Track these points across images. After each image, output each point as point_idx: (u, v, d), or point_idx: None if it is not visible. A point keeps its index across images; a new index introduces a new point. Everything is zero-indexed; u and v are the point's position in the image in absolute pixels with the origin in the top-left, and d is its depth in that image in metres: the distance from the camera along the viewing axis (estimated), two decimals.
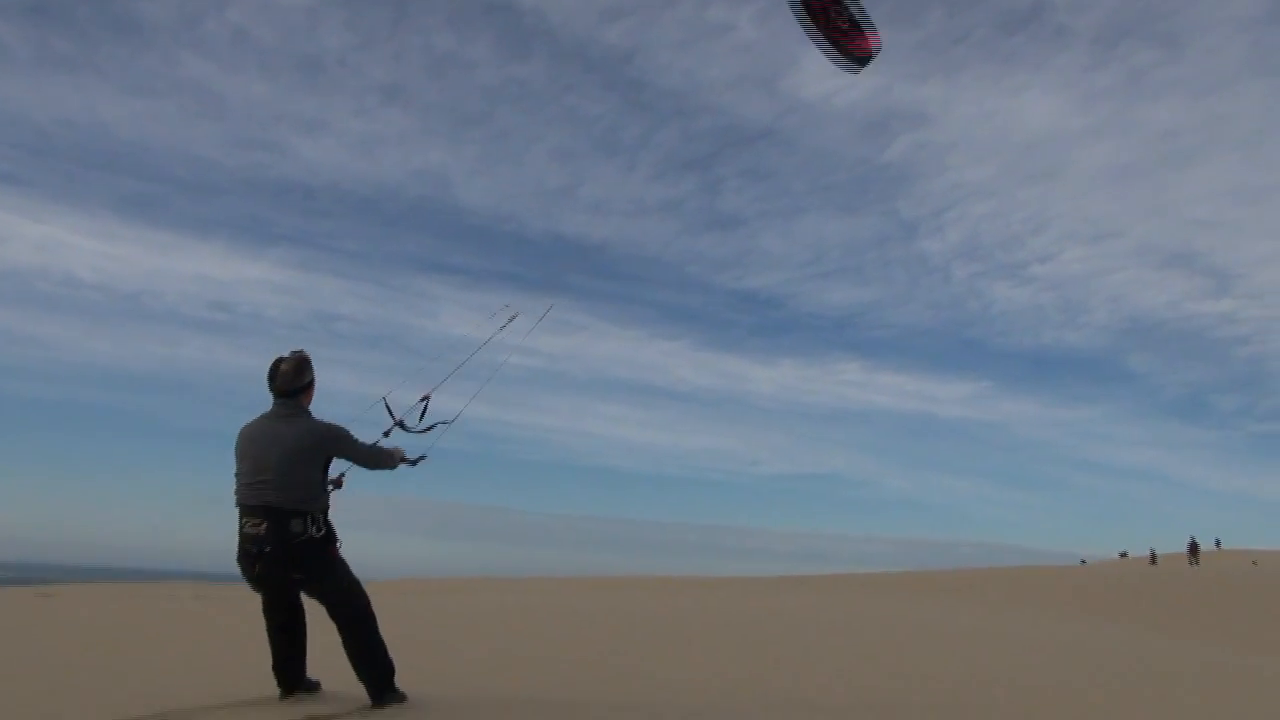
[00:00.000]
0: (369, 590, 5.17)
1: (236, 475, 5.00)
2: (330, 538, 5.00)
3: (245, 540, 4.87)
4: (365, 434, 5.41)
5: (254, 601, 5.27)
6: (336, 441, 5.08)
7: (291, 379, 5.04)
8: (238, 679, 5.69)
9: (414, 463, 5.66)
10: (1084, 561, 55.78)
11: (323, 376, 5.21)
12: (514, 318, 6.71)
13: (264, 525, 4.79)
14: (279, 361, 5.06)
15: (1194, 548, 48.66)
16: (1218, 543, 63.86)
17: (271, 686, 5.11)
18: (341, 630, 5.04)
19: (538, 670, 7.04)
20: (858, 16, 6.82)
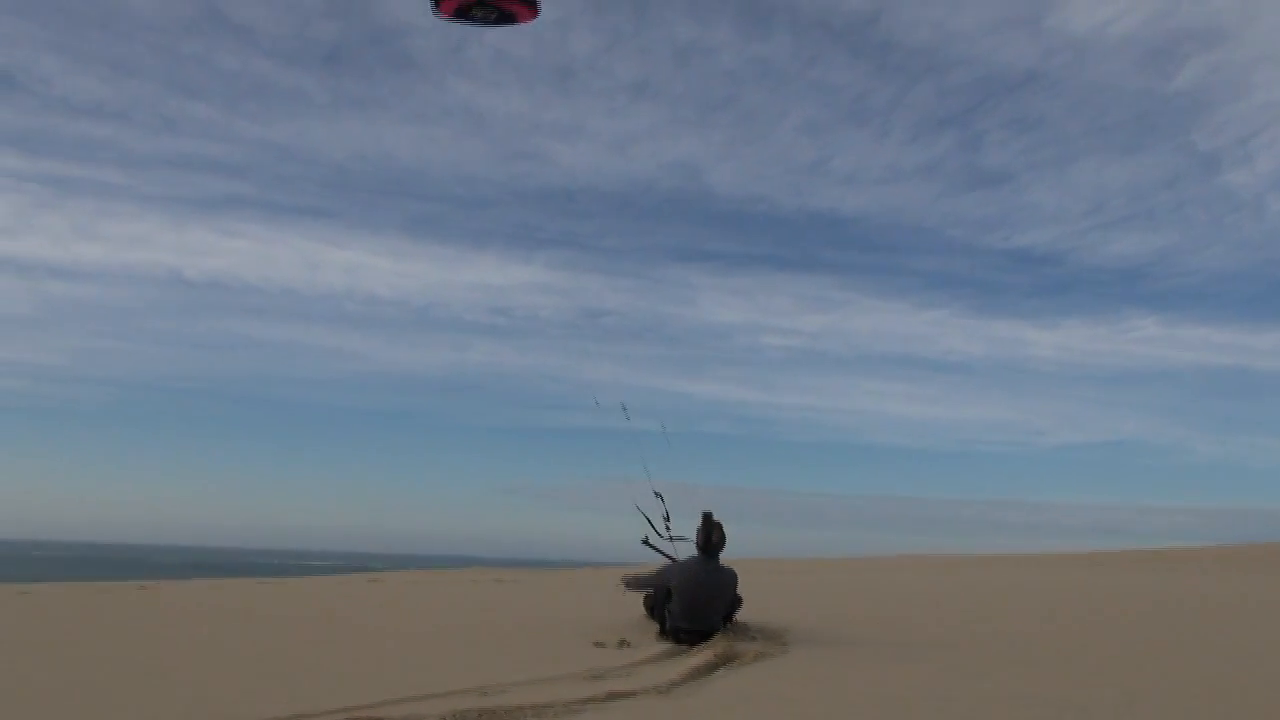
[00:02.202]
0: None
1: (659, 604, 7.30)
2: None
3: (682, 638, 6.94)
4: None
5: (543, 585, 5.61)
6: (735, 583, 7.24)
7: (719, 545, 7.08)
8: (544, 658, 6.08)
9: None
10: None
11: (594, 369, 5.62)
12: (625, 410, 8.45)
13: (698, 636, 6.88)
14: (710, 530, 7.05)
15: None
16: None
17: (569, 666, 5.46)
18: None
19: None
20: None
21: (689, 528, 7.46)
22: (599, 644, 6.92)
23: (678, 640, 6.98)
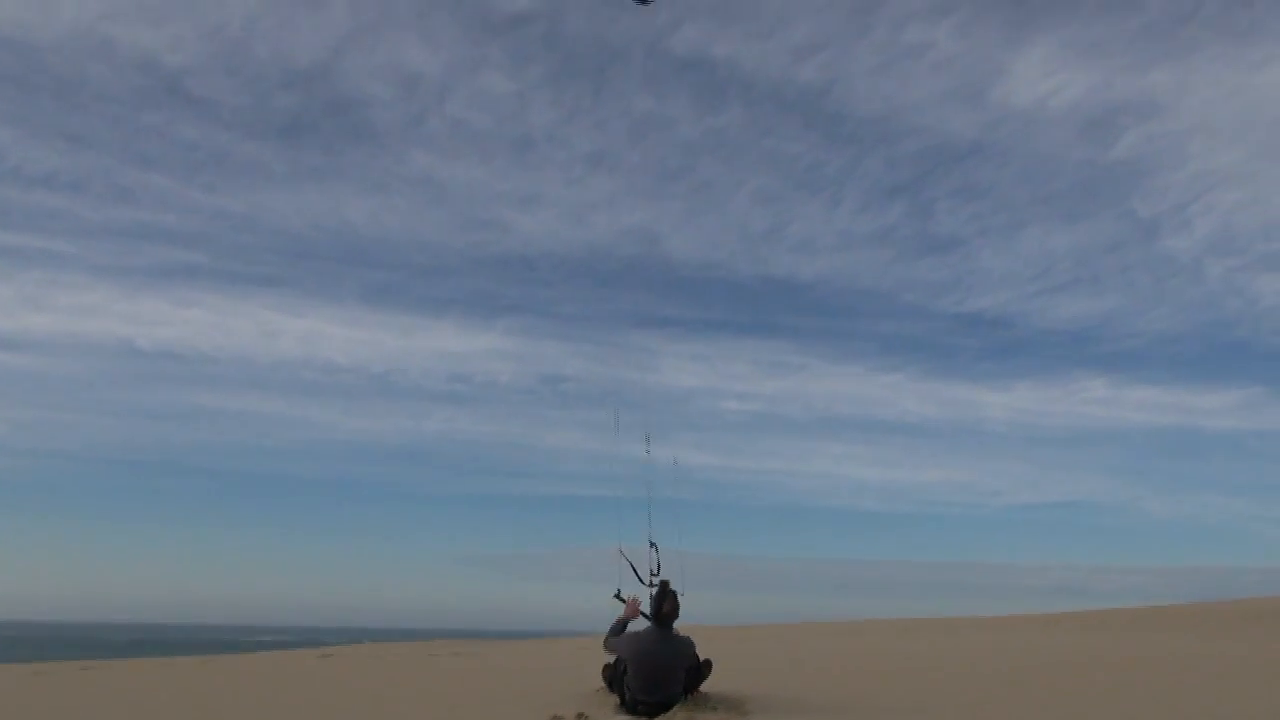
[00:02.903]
0: None
1: (616, 677, 7.26)
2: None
3: (640, 709, 6.95)
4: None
5: (503, 656, 5.52)
6: (692, 653, 7.18)
7: (673, 615, 7.05)
8: None
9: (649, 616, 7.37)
10: None
11: (553, 437, 5.60)
12: (648, 441, 8.16)
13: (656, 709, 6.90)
14: (662, 600, 7.02)
15: None
16: None
17: None
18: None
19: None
20: None
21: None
22: (557, 717, 6.81)
23: (635, 713, 6.93)
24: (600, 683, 7.84)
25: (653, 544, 7.76)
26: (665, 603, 7.06)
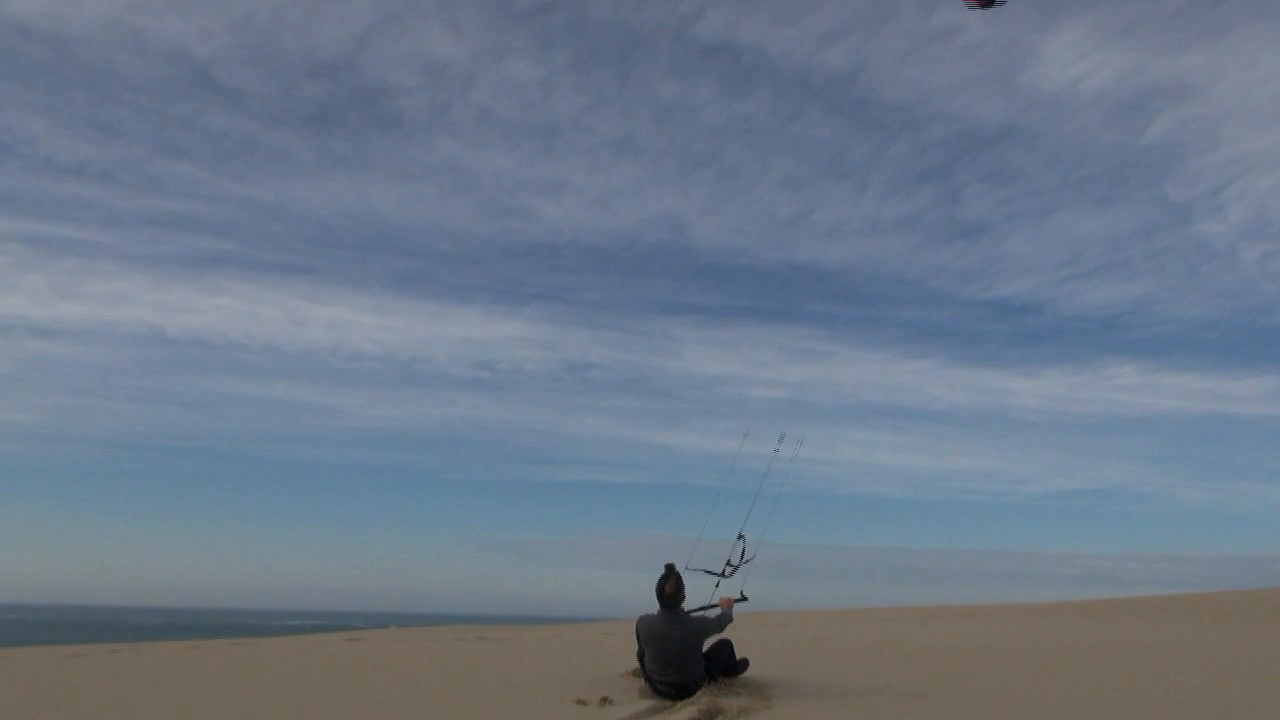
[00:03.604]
0: None
1: (642, 658, 7.29)
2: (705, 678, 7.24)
3: (659, 689, 7.06)
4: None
5: (528, 642, 5.53)
6: (706, 638, 7.27)
7: (676, 597, 7.18)
8: (527, 717, 5.96)
9: (742, 599, 7.96)
10: None
11: (579, 423, 5.61)
12: (781, 440, 8.85)
13: (675, 689, 7.00)
14: (665, 582, 7.15)
15: None
16: None
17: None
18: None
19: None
20: None
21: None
22: (581, 701, 6.83)
23: (655, 692, 7.04)
24: (622, 669, 7.96)
25: (741, 535, 8.34)
26: (668, 584, 7.18)
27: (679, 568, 7.50)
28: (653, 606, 7.22)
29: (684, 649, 7.08)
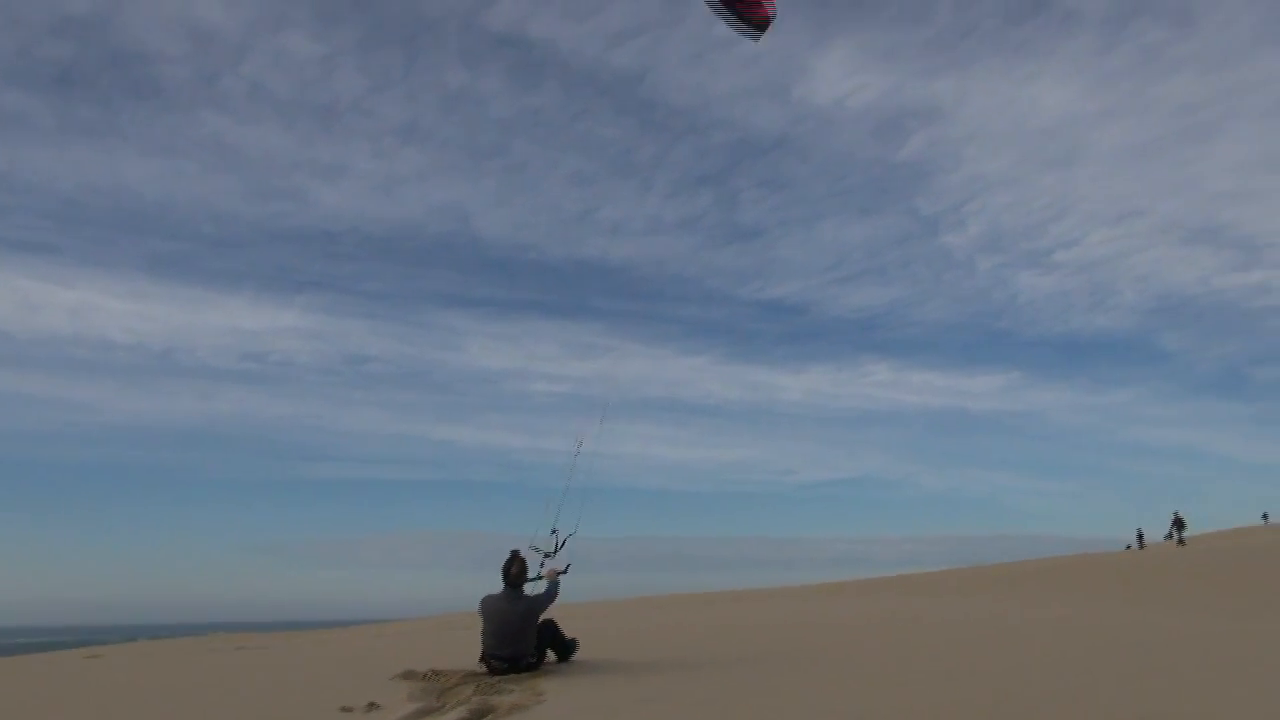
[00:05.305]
0: None
1: (487, 634, 8.00)
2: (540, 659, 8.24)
3: (494, 664, 7.88)
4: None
5: (294, 648, 5.24)
6: (540, 612, 8.13)
7: (520, 578, 8.14)
8: None
9: (564, 572, 8.59)
10: (1130, 547, 53.96)
11: (356, 418, 5.41)
12: (581, 444, 9.18)
13: (507, 663, 7.88)
14: (510, 565, 8.12)
15: (1179, 523, 44.02)
16: (1265, 517, 62.63)
17: None
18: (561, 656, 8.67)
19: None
20: None
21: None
22: (346, 709, 6.56)
23: (490, 669, 7.86)
24: (392, 671, 8.09)
25: (554, 531, 8.86)
26: (513, 567, 8.12)
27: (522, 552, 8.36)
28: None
29: (522, 622, 7.93)
